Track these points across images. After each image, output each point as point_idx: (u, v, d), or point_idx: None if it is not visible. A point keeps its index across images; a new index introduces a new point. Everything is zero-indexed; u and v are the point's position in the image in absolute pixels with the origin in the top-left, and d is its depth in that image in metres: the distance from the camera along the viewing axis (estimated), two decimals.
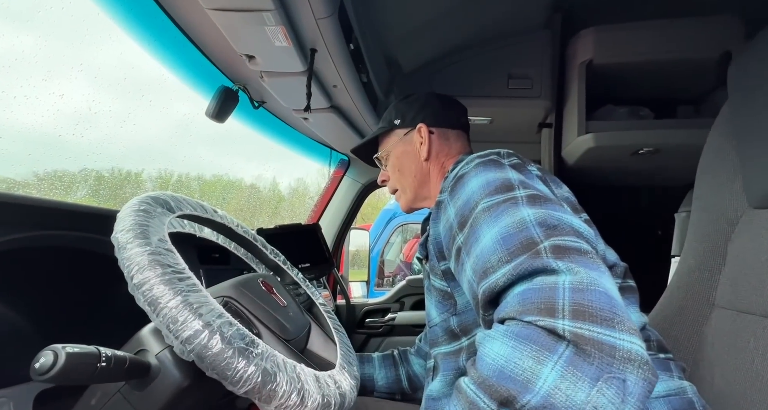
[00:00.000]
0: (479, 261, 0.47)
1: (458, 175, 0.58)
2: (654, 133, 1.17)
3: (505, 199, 0.49)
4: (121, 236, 0.40)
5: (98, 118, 1.18)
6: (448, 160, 0.76)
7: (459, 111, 0.81)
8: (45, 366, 0.33)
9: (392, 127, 0.81)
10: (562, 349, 0.34)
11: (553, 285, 0.38)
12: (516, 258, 0.43)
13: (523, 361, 0.35)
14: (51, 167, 1.20)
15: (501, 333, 0.38)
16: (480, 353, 0.39)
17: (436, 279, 0.63)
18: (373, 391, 0.84)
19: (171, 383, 0.42)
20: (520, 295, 0.39)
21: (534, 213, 0.46)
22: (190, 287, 0.39)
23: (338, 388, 0.44)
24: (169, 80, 1.00)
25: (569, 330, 0.35)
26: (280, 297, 0.55)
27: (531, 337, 0.36)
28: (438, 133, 0.77)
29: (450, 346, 0.63)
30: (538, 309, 0.37)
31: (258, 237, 0.68)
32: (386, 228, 3.78)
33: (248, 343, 0.38)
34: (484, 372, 0.37)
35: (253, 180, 5.63)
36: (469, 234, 0.50)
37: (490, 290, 0.44)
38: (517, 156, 0.60)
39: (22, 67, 0.87)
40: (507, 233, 0.45)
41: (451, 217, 0.55)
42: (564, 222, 0.45)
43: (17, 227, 0.51)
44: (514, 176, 0.53)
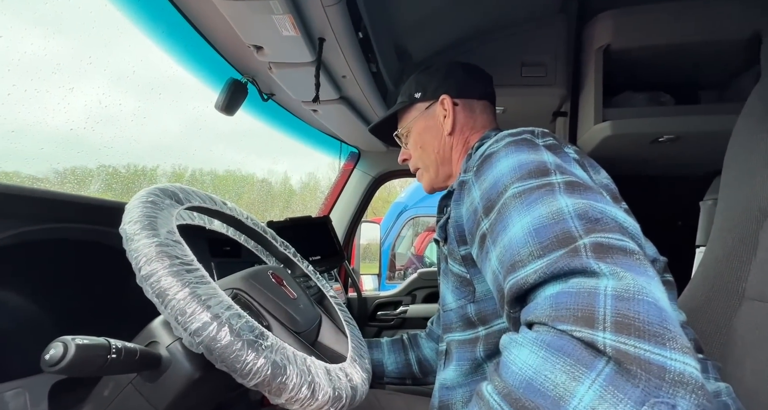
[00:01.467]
0: (507, 252, 0.43)
1: (485, 153, 0.53)
2: (675, 120, 1.13)
3: (540, 185, 0.44)
4: (128, 227, 0.40)
5: (109, 111, 1.19)
6: (473, 134, 0.71)
7: (485, 79, 0.75)
8: (55, 357, 0.33)
9: (413, 101, 0.75)
10: (602, 366, 0.30)
11: (592, 290, 0.34)
12: (550, 253, 0.38)
13: (555, 375, 0.31)
14: (69, 163, 1.22)
15: (530, 340, 0.34)
16: (505, 359, 0.36)
17: (455, 264, 0.59)
18: (383, 377, 0.82)
19: (182, 375, 0.42)
20: (553, 298, 0.35)
21: (573, 203, 0.41)
22: (198, 279, 0.38)
23: (349, 381, 0.44)
24: (180, 74, 1.00)
25: (611, 345, 0.30)
26: (290, 289, 0.54)
27: (565, 349, 0.32)
28: (463, 105, 0.71)
29: (465, 334, 0.60)
30: (574, 317, 0.33)
31: (268, 230, 0.67)
32: (397, 222, 3.77)
33: (257, 335, 0.37)
34: (509, 381, 0.33)
35: (265, 174, 5.66)
36: (497, 220, 0.46)
37: (518, 287, 0.40)
38: (553, 136, 0.54)
39: (35, 63, 0.88)
40: (541, 224, 0.41)
41: (475, 200, 0.51)
42: (607, 216, 0.40)
43: (30, 219, 0.51)
44: (550, 159, 0.48)
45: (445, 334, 0.64)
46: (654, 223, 0.84)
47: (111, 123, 1.23)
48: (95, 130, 1.11)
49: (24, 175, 1.10)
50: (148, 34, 0.85)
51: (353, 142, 1.62)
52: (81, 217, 0.57)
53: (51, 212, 0.53)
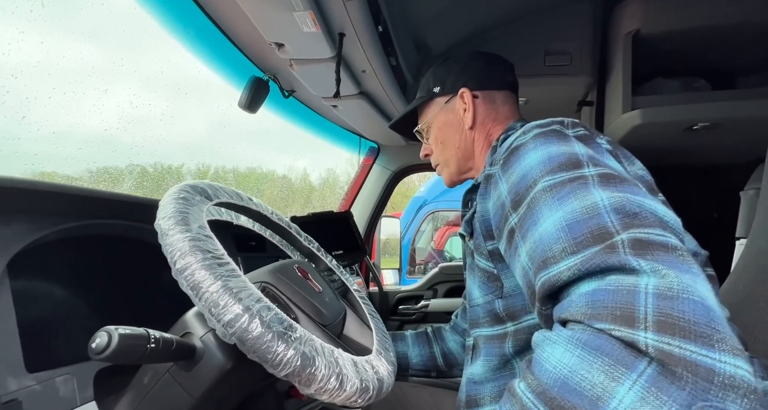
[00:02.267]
0: (537, 247, 0.41)
1: (513, 146, 0.51)
2: (711, 106, 1.07)
3: (572, 178, 0.42)
4: (163, 223, 0.42)
5: (140, 112, 1.23)
6: (495, 127, 0.69)
7: (505, 68, 0.73)
8: (100, 346, 0.34)
9: (431, 95, 0.74)
10: (643, 367, 0.29)
11: (632, 287, 0.32)
12: (584, 250, 0.37)
13: (593, 375, 0.30)
14: (103, 163, 1.28)
15: (565, 338, 0.33)
16: (538, 356, 0.35)
17: (481, 259, 0.58)
18: (408, 369, 0.82)
19: (215, 365, 0.43)
20: (589, 296, 0.34)
21: (609, 196, 0.39)
22: (229, 272, 0.40)
23: (376, 373, 0.44)
24: (205, 75, 1.02)
25: (653, 345, 0.29)
26: (316, 282, 0.55)
27: (603, 349, 0.31)
28: (483, 97, 0.69)
29: (493, 329, 0.59)
30: (613, 316, 0.31)
31: (292, 225, 0.68)
32: (417, 216, 3.76)
33: (287, 327, 0.38)
34: (543, 380, 0.32)
35: (285, 171, 5.74)
36: (526, 215, 0.44)
37: (551, 284, 0.38)
38: (584, 126, 0.52)
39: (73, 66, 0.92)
40: (574, 219, 0.39)
41: (503, 194, 0.49)
42: (646, 210, 0.38)
43: (71, 216, 0.54)
44: (582, 150, 0.46)
45: (473, 329, 0.64)
46: (688, 216, 0.81)
47: (141, 123, 1.28)
48: (127, 130, 1.16)
49: (61, 175, 1.15)
50: (174, 35, 0.87)
51: (373, 137, 1.62)
52: (117, 214, 0.60)
53: (90, 209, 0.56)
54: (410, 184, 5.10)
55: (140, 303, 0.64)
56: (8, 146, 0.77)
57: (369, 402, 0.42)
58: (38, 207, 0.49)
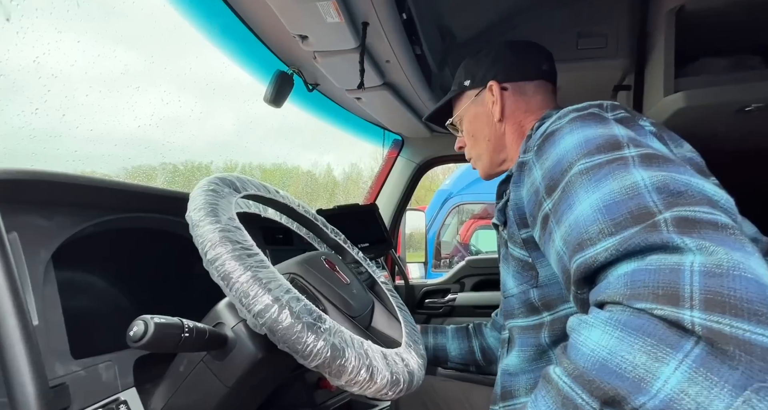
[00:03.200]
0: (573, 231, 0.39)
1: (547, 131, 0.49)
2: (766, 85, 0.98)
3: (611, 160, 0.40)
4: (194, 214, 0.42)
5: (171, 108, 1.27)
6: (527, 117, 0.68)
7: (539, 58, 0.71)
8: (138, 334, 0.35)
9: (462, 89, 0.74)
10: (690, 346, 0.27)
11: (675, 266, 0.30)
12: (624, 230, 0.35)
13: (634, 356, 0.29)
14: (137, 162, 1.33)
15: (602, 320, 0.31)
16: (573, 340, 0.33)
17: (516, 247, 0.57)
18: (447, 361, 0.83)
19: (246, 354, 0.44)
20: (628, 276, 0.32)
21: (650, 176, 0.37)
22: (258, 263, 0.40)
23: (406, 366, 0.44)
24: (231, 71, 1.04)
25: (700, 323, 0.27)
26: (343, 274, 0.55)
27: (644, 328, 0.29)
28: (513, 89, 0.68)
29: (528, 320, 0.58)
30: (654, 295, 0.30)
31: (318, 217, 0.69)
32: (442, 210, 3.72)
33: (316, 318, 0.38)
34: (581, 363, 0.31)
35: (309, 167, 5.83)
36: (561, 199, 0.43)
37: (586, 266, 0.37)
38: (625, 108, 0.50)
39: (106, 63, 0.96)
40: (612, 200, 0.37)
41: (537, 180, 0.48)
42: (693, 188, 0.35)
43: (109, 210, 0.56)
44: (622, 132, 0.43)
45: (507, 320, 0.62)
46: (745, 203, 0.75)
47: (173, 120, 1.33)
48: (159, 127, 1.20)
49: (99, 174, 1.21)
50: (201, 31, 0.89)
51: (396, 129, 1.60)
52: (153, 207, 0.62)
53: (127, 203, 0.57)
54: (434, 177, 5.05)
55: (175, 294, 0.66)
56: (51, 144, 0.81)
57: (399, 395, 0.41)
58: (79, 200, 0.51)
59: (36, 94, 0.74)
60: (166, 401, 0.46)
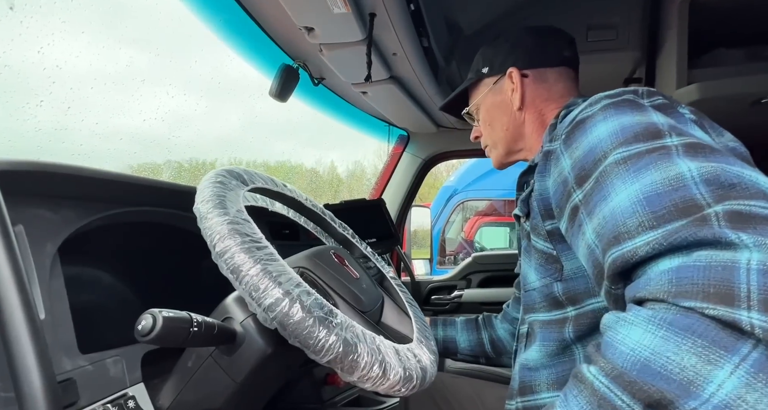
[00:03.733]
0: (608, 223, 0.37)
1: (577, 119, 0.46)
2: None
3: (651, 149, 0.37)
4: (201, 207, 0.41)
5: (176, 102, 1.27)
6: (549, 105, 0.65)
7: (561, 43, 0.67)
8: (146, 328, 0.35)
9: (480, 76, 0.71)
10: (747, 350, 0.25)
11: (729, 263, 0.28)
12: (667, 223, 0.32)
13: (682, 357, 0.26)
14: (142, 159, 1.33)
15: (644, 318, 0.29)
16: (610, 338, 0.31)
17: (539, 240, 0.55)
18: (457, 353, 0.83)
19: (256, 350, 0.43)
20: (673, 272, 0.29)
21: (698, 166, 0.34)
22: (268, 256, 0.39)
23: (419, 362, 0.43)
24: (237, 65, 1.02)
25: (760, 325, 0.25)
26: (353, 269, 0.54)
27: (693, 328, 0.27)
28: (533, 76, 0.65)
29: (551, 314, 0.55)
30: (705, 293, 0.27)
31: (326, 212, 0.68)
32: (447, 206, 3.70)
33: (327, 313, 0.37)
34: (619, 363, 0.29)
35: (313, 164, 5.82)
36: (594, 191, 0.40)
37: (624, 260, 0.34)
38: (662, 94, 0.46)
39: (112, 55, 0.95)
40: (654, 191, 0.34)
41: (565, 170, 0.45)
42: (746, 180, 0.32)
43: (116, 203, 0.55)
44: (662, 120, 0.40)
45: (527, 314, 0.61)
46: None
47: (177, 114, 1.32)
48: (164, 121, 1.20)
49: None
50: (206, 22, 0.87)
51: (402, 124, 1.59)
52: (160, 201, 0.61)
53: (134, 196, 0.57)
54: (438, 174, 5.04)
55: (182, 288, 0.65)
56: (56, 136, 0.80)
57: (413, 392, 0.40)
58: (85, 193, 0.50)
59: (41, 86, 0.73)
60: (175, 396, 0.46)
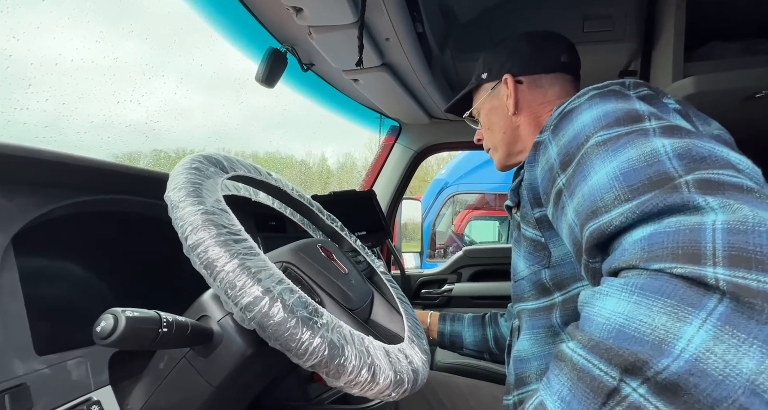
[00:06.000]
0: (586, 200, 0.38)
1: (565, 110, 0.48)
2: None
3: (630, 131, 0.38)
4: (173, 195, 0.37)
5: (153, 83, 1.21)
6: (544, 108, 0.67)
7: (557, 49, 0.69)
8: (106, 330, 0.31)
9: (480, 81, 0.75)
10: (713, 304, 0.26)
11: (695, 226, 0.29)
12: (641, 195, 0.33)
13: (653, 318, 0.27)
14: (126, 149, 1.28)
15: (617, 287, 0.30)
16: (586, 313, 0.31)
17: (528, 227, 0.56)
18: (462, 348, 0.85)
19: (234, 350, 0.40)
20: (645, 240, 0.30)
21: (671, 142, 0.35)
22: (246, 250, 0.35)
23: (410, 364, 0.40)
24: (230, 55, 0.97)
25: (725, 279, 0.26)
26: (341, 263, 0.50)
27: (663, 289, 0.27)
28: (528, 82, 0.68)
29: (538, 302, 0.56)
30: (674, 255, 0.28)
31: (314, 203, 0.64)
32: (437, 200, 3.68)
33: (312, 312, 0.34)
34: (596, 334, 0.29)
35: (303, 156, 5.75)
36: (575, 172, 0.41)
37: (600, 232, 0.35)
38: (649, 86, 0.48)
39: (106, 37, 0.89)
40: (630, 168, 0.35)
41: (552, 157, 0.47)
42: (716, 154, 0.34)
43: (82, 191, 0.51)
44: (643, 107, 0.42)
45: (516, 304, 0.61)
46: None
47: (166, 106, 1.27)
48: (152, 112, 1.14)
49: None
50: (192, 6, 0.82)
51: (394, 115, 1.55)
52: (132, 189, 0.56)
53: (103, 183, 0.52)
54: (428, 168, 5.01)
55: (157, 283, 0.61)
56: (16, 116, 0.74)
57: (403, 396, 0.38)
58: (45, 179, 0.45)
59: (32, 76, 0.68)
60: (145, 401, 0.42)
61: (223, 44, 0.90)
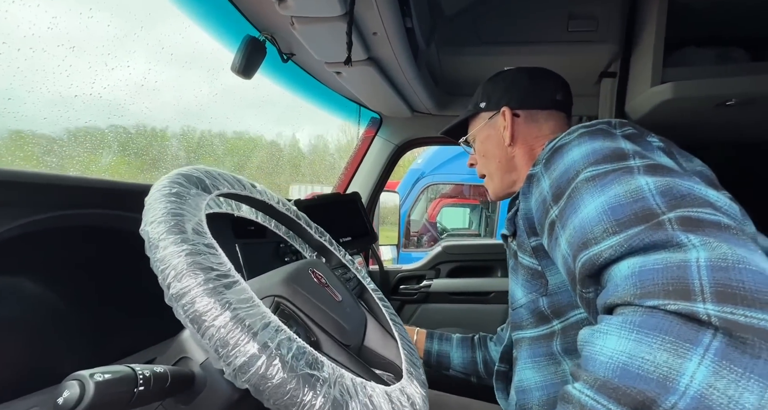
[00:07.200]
0: (577, 233, 0.40)
1: (556, 145, 0.51)
2: (749, 81, 0.98)
3: (617, 169, 0.41)
4: (152, 230, 0.33)
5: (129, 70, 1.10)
6: (538, 141, 0.69)
7: (553, 87, 0.72)
8: (70, 401, 0.26)
9: (477, 110, 0.76)
10: (708, 339, 0.27)
11: (681, 263, 0.30)
12: (628, 229, 0.36)
13: (654, 355, 0.28)
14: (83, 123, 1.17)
15: (616, 325, 0.31)
16: (588, 353, 0.32)
17: (525, 256, 0.57)
18: (449, 368, 0.85)
19: (219, 396, 0.36)
20: (636, 276, 0.32)
21: (654, 181, 0.38)
22: (237, 295, 0.31)
23: (412, 405, 0.38)
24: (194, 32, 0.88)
25: (715, 315, 0.27)
26: (335, 291, 0.47)
27: (660, 327, 0.29)
28: (524, 116, 0.70)
29: (538, 330, 0.57)
30: (665, 292, 0.29)
31: (301, 215, 0.60)
32: (413, 189, 3.68)
33: (312, 365, 0.31)
34: (600, 373, 0.29)
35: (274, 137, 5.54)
36: (566, 205, 0.44)
37: (591, 263, 0.37)
38: (633, 126, 0.51)
39: None
40: (617, 203, 0.38)
41: (545, 190, 0.49)
42: (695, 192, 0.36)
43: (33, 208, 0.44)
44: (628, 146, 0.44)
45: (515, 332, 0.62)
46: None
47: (128, 81, 1.15)
48: (114, 88, 1.03)
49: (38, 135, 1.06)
50: None
51: (376, 107, 1.49)
52: (91, 202, 0.50)
53: (57, 198, 0.45)
54: (406, 155, 4.96)
55: (132, 303, 0.55)
56: None
57: None
58: None
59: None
60: None
61: (197, 31, 0.82)
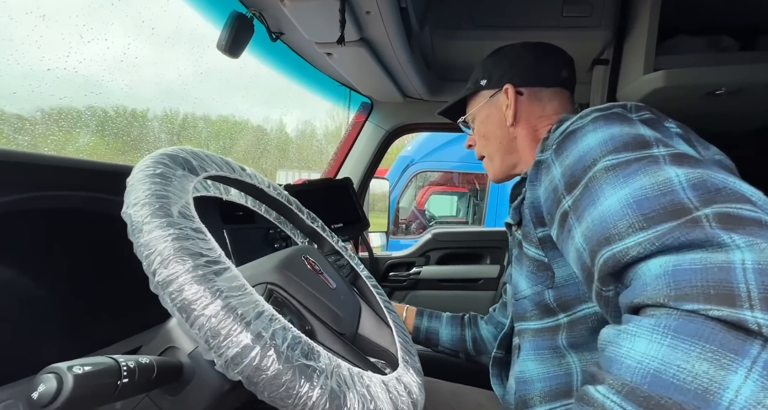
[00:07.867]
0: (597, 226, 0.37)
1: (568, 130, 0.47)
2: (738, 69, 0.98)
3: (640, 158, 0.38)
4: (134, 213, 0.30)
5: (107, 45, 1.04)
6: (542, 122, 0.66)
7: (559, 63, 0.68)
8: (46, 396, 0.24)
9: (478, 88, 0.72)
10: (756, 350, 0.25)
11: (724, 264, 0.28)
12: (657, 225, 0.33)
13: (693, 364, 0.26)
14: (58, 102, 1.11)
15: (647, 327, 0.28)
16: (612, 353, 0.30)
17: (531, 247, 0.55)
18: (438, 345, 0.84)
19: (208, 387, 0.35)
20: (669, 276, 0.29)
21: (685, 172, 0.35)
22: (228, 282, 0.29)
23: (409, 395, 0.37)
24: (175, 3, 0.83)
25: (765, 324, 0.25)
26: (328, 277, 0.46)
27: (700, 333, 0.26)
28: (528, 94, 0.66)
29: (542, 322, 0.56)
30: (706, 295, 0.27)
31: (293, 200, 0.57)
32: (403, 176, 3.66)
33: (308, 356, 0.29)
34: (627, 378, 0.27)
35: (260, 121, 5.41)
36: (583, 196, 0.41)
37: (615, 260, 0.34)
38: (650, 110, 0.48)
39: None
40: (643, 195, 0.35)
41: (556, 178, 0.46)
42: (730, 187, 0.33)
43: (8, 188, 0.41)
44: (648, 132, 0.42)
45: (518, 323, 0.60)
46: None
47: (108, 58, 1.09)
48: (92, 65, 0.97)
49: (9, 114, 1.01)
50: None
51: (367, 92, 1.46)
52: (68, 184, 0.47)
53: (31, 179, 0.42)
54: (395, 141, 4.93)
55: (115, 289, 0.53)
56: None
57: None
58: None
59: None
60: None
61: (180, 4, 0.77)
